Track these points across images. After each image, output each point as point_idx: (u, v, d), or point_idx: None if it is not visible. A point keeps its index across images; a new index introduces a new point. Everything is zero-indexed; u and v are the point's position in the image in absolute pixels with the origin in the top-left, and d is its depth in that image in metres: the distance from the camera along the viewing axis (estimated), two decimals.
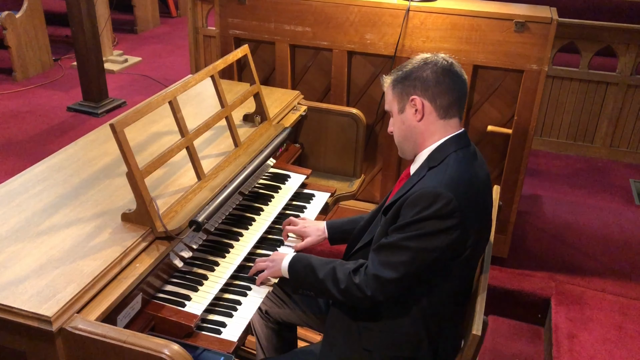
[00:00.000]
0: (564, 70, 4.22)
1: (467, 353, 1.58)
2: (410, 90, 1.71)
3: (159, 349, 1.34)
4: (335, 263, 1.76)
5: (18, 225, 1.70)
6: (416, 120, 1.71)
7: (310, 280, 1.78)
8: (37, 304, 1.40)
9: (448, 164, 1.65)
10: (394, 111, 1.77)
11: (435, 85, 1.68)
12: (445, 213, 1.56)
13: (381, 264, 1.64)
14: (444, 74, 1.69)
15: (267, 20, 3.07)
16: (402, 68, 1.76)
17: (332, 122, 2.68)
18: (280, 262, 1.85)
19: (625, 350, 2.58)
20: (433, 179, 1.62)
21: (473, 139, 2.99)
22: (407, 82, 1.71)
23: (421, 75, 1.70)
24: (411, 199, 1.61)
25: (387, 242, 1.65)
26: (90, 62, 4.76)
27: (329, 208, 2.47)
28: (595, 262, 3.20)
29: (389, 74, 1.81)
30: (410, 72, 1.72)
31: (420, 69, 1.71)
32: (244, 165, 2.11)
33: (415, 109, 1.70)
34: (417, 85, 1.70)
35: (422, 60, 1.73)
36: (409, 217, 1.60)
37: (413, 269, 1.62)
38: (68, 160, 2.07)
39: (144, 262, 1.63)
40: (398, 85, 1.74)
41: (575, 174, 4.16)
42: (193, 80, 2.03)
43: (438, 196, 1.56)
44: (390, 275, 1.62)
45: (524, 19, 2.69)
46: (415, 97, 1.69)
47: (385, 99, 1.81)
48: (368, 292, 1.65)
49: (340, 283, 1.70)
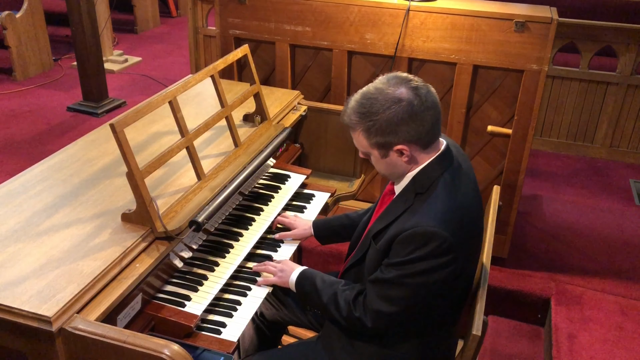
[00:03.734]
0: (564, 70, 4.22)
1: (467, 353, 1.58)
2: (391, 140, 1.58)
3: (159, 349, 1.34)
4: (338, 287, 1.77)
5: (18, 225, 1.70)
6: (403, 161, 1.63)
7: (315, 302, 1.81)
8: (37, 304, 1.40)
9: (438, 193, 1.59)
10: (374, 155, 1.66)
11: (416, 127, 1.57)
12: (442, 251, 1.54)
13: (380, 297, 1.64)
14: (421, 109, 1.56)
15: (267, 20, 3.07)
16: (370, 111, 1.58)
17: (332, 122, 2.68)
18: (289, 275, 1.86)
19: (625, 350, 2.58)
20: (424, 214, 1.56)
21: (473, 139, 3.01)
22: (386, 134, 1.58)
23: (397, 121, 1.55)
24: (404, 237, 1.56)
25: (383, 277, 1.62)
26: (90, 62, 4.76)
27: (329, 208, 2.47)
28: (595, 262, 3.20)
29: (351, 113, 1.62)
30: (386, 121, 1.56)
31: (395, 115, 1.55)
32: (244, 165, 2.11)
33: (401, 154, 1.61)
34: (399, 134, 1.57)
35: (391, 102, 1.55)
36: (403, 255, 1.57)
37: (413, 302, 1.62)
38: (68, 160, 2.07)
39: (144, 262, 1.63)
40: (374, 136, 1.60)
41: (575, 174, 4.16)
42: (193, 80, 2.03)
43: (433, 236, 1.53)
44: (391, 309, 1.63)
45: (524, 18, 2.68)
46: (399, 147, 1.59)
47: (358, 143, 1.66)
48: (368, 324, 1.67)
49: (342, 311, 1.72)
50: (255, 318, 2.20)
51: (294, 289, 1.86)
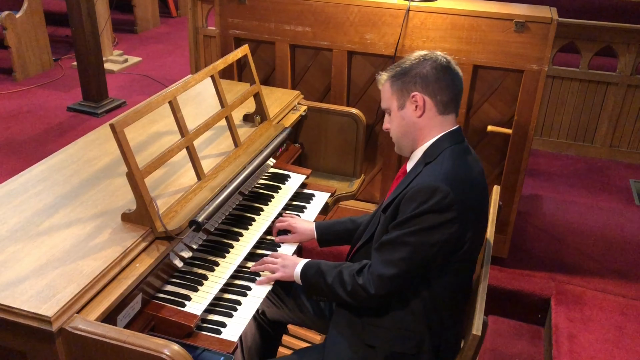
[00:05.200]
0: (564, 70, 4.22)
1: (467, 353, 1.58)
2: (410, 86, 1.71)
3: (159, 349, 1.34)
4: (342, 266, 1.78)
5: (18, 225, 1.70)
6: (416, 116, 1.72)
7: (321, 286, 1.81)
8: (37, 304, 1.40)
9: (443, 159, 1.67)
10: (392, 108, 1.77)
11: (436, 81, 1.69)
12: (443, 206, 1.58)
13: (383, 262, 1.67)
14: (443, 70, 1.70)
15: (267, 20, 3.07)
16: (400, 65, 1.76)
17: (332, 122, 2.68)
18: (293, 268, 1.86)
19: (625, 350, 2.58)
20: (429, 174, 1.64)
21: (473, 139, 3.01)
22: (406, 78, 1.72)
23: (421, 72, 1.70)
24: (409, 195, 1.62)
25: (387, 239, 1.67)
26: (90, 62, 4.76)
27: (329, 208, 2.47)
28: (595, 262, 3.20)
29: (385, 70, 1.80)
30: (410, 68, 1.72)
31: (419, 65, 1.71)
32: (244, 165, 2.11)
33: (416, 105, 1.71)
34: (417, 81, 1.70)
35: (420, 57, 1.73)
36: (408, 212, 1.62)
37: (414, 264, 1.64)
38: (68, 160, 2.07)
39: (144, 262, 1.63)
40: (397, 82, 1.74)
41: (575, 174, 4.16)
42: (193, 80, 2.03)
43: (435, 190, 1.58)
44: (392, 272, 1.65)
45: (524, 19, 2.68)
46: (416, 94, 1.71)
47: (383, 96, 1.81)
48: (372, 290, 1.68)
49: (347, 285, 1.73)
50: (257, 316, 2.20)
51: (299, 280, 1.85)
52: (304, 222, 2.13)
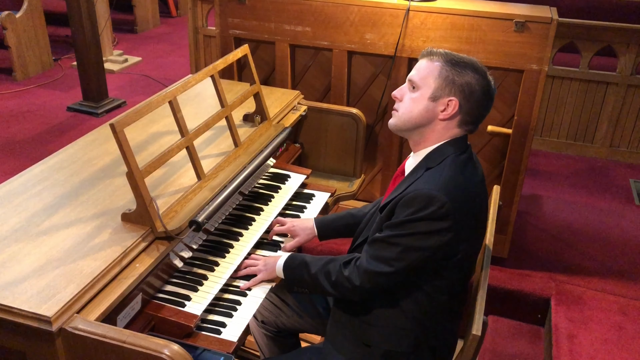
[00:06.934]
0: (564, 70, 4.22)
1: (467, 353, 1.58)
2: (455, 89, 1.64)
3: (159, 349, 1.34)
4: (328, 258, 1.79)
5: (18, 225, 1.70)
6: (439, 117, 1.67)
7: (304, 277, 1.80)
8: (37, 304, 1.40)
9: (445, 166, 1.65)
10: (424, 91, 1.67)
11: (476, 101, 1.66)
12: (439, 215, 1.57)
13: (372, 257, 1.67)
14: (487, 98, 1.67)
15: (267, 20, 3.07)
16: (459, 58, 1.66)
17: (332, 122, 2.68)
18: (274, 264, 1.86)
19: (625, 350, 2.58)
20: (429, 181, 1.62)
21: (473, 139, 3.01)
22: (457, 78, 1.64)
23: (472, 84, 1.64)
24: (406, 199, 1.61)
25: (379, 237, 1.67)
26: (90, 62, 4.76)
27: (329, 208, 2.47)
28: (595, 262, 3.20)
29: (441, 51, 1.69)
30: (465, 72, 1.64)
31: (475, 76, 1.64)
32: (244, 165, 2.11)
33: (445, 108, 1.66)
34: (464, 90, 1.64)
35: (481, 70, 1.66)
36: (403, 216, 1.61)
37: (402, 265, 1.63)
38: (68, 160, 2.07)
39: (144, 262, 1.63)
40: (448, 73, 1.65)
41: (575, 174, 4.16)
42: (193, 80, 2.03)
43: (432, 199, 1.57)
44: (380, 269, 1.65)
45: (524, 18, 2.68)
46: (455, 100, 1.64)
47: (421, 71, 1.69)
48: (356, 282, 1.69)
49: (331, 276, 1.74)
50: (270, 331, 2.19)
51: (282, 273, 1.84)
52: (303, 222, 2.12)
